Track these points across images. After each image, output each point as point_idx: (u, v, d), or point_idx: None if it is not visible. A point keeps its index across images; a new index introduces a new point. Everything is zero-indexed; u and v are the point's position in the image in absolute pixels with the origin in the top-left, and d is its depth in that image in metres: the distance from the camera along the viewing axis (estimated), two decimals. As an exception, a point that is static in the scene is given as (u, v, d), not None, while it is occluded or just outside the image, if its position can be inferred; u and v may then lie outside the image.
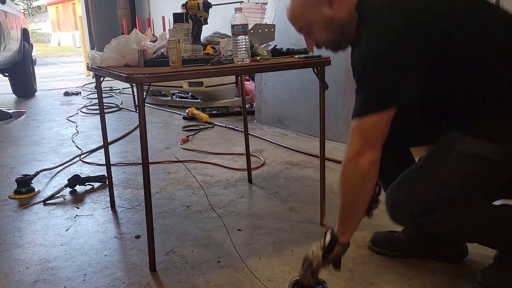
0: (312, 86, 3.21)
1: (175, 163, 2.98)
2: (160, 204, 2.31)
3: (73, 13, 22.03)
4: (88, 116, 4.76)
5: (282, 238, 1.91)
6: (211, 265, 1.71)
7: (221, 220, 2.08)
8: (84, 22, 8.67)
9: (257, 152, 3.15)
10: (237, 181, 2.61)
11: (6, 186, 2.66)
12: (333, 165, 2.80)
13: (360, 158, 1.25)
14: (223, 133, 3.77)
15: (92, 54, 1.87)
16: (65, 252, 1.85)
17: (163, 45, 1.88)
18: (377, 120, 1.24)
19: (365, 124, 1.25)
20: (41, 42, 26.01)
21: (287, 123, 3.77)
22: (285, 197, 2.37)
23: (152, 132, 3.87)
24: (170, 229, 2.03)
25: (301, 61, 1.85)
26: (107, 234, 2.01)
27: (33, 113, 5.02)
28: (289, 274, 1.61)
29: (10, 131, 4.20)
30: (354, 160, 1.26)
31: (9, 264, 1.78)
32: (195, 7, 2.01)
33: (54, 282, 1.64)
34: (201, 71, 1.65)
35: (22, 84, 6.17)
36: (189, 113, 4.31)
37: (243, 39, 1.70)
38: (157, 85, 4.95)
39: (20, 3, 28.82)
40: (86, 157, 3.21)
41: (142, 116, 1.57)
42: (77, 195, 2.50)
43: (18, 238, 2.00)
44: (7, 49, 5.27)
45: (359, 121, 1.26)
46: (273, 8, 3.78)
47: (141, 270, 1.70)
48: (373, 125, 1.24)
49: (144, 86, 1.58)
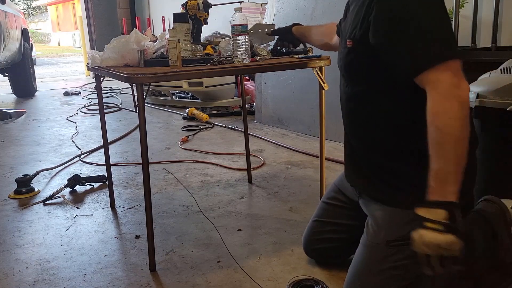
0: (312, 86, 3.21)
1: (175, 163, 2.98)
2: (160, 204, 2.31)
3: (73, 13, 22.04)
4: (88, 116, 4.76)
5: (282, 238, 1.91)
6: (211, 265, 1.71)
7: (221, 220, 2.08)
8: (84, 22, 8.67)
9: (257, 152, 3.15)
10: (237, 181, 2.61)
11: (6, 186, 2.66)
12: (333, 165, 2.80)
13: (462, 91, 1.08)
14: (223, 133, 3.77)
15: (92, 54, 1.87)
16: (65, 252, 1.85)
17: (163, 45, 1.88)
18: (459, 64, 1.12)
19: (452, 64, 1.11)
20: (41, 42, 26.01)
21: (287, 123, 3.77)
22: (285, 197, 2.37)
23: (152, 132, 3.87)
24: (170, 229, 2.03)
25: (301, 61, 1.85)
26: (107, 234, 2.01)
27: (33, 113, 5.02)
28: (289, 274, 1.61)
29: (10, 131, 4.20)
30: (454, 92, 1.08)
31: (9, 264, 1.78)
32: (195, 7, 2.01)
33: (54, 282, 1.64)
34: (201, 71, 1.65)
35: (22, 84, 6.17)
36: (189, 113, 4.31)
37: (243, 39, 1.70)
38: (157, 85, 4.95)
39: (20, 3, 28.82)
40: (86, 157, 3.21)
41: (142, 116, 1.57)
42: (77, 195, 2.50)
43: (18, 238, 2.00)
44: (7, 49, 5.28)
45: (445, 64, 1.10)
46: (273, 8, 3.78)
47: (141, 270, 1.70)
48: (458, 67, 1.11)
49: (144, 86, 1.58)
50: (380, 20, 1.17)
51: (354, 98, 1.37)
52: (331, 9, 3.24)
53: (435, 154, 1.08)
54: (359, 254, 1.35)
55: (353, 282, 1.33)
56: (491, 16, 2.63)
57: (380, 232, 1.30)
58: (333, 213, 1.59)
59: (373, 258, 1.30)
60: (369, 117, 1.33)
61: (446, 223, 1.03)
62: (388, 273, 1.27)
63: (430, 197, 1.08)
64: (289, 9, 3.63)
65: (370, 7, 1.19)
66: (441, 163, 1.07)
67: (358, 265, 1.33)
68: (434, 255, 1.05)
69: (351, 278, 1.34)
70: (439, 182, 1.07)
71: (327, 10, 3.29)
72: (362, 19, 1.23)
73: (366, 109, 1.34)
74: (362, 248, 1.34)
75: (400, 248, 1.25)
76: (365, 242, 1.34)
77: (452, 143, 1.07)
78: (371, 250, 1.31)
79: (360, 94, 1.34)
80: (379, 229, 1.31)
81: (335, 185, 1.65)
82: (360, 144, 1.40)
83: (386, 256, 1.28)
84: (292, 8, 3.59)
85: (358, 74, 1.33)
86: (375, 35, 1.19)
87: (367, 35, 1.22)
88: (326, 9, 3.30)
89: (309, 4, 3.43)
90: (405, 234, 1.21)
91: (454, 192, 1.06)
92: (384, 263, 1.28)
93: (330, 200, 1.63)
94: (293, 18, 3.57)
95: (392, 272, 1.27)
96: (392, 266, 1.27)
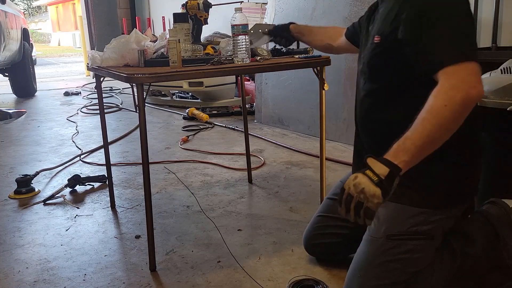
0: (312, 86, 3.21)
1: (175, 163, 2.98)
2: (160, 204, 2.32)
3: (73, 13, 22.03)
4: (88, 116, 4.76)
5: (282, 238, 1.91)
6: (211, 265, 1.71)
7: (221, 220, 2.08)
8: (84, 22, 8.67)
9: (257, 152, 3.15)
10: (237, 181, 2.61)
11: (6, 186, 2.66)
12: (333, 165, 2.80)
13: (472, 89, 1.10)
14: (223, 133, 3.77)
15: (92, 54, 1.87)
16: (65, 252, 1.85)
17: (163, 45, 1.88)
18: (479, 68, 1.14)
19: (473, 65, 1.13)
20: (41, 42, 26.00)
21: (287, 123, 3.77)
22: (285, 197, 2.37)
23: (152, 132, 3.87)
24: (170, 229, 2.03)
25: (301, 61, 1.85)
26: (107, 234, 2.01)
27: (33, 113, 5.02)
28: (289, 274, 1.61)
29: (10, 131, 4.20)
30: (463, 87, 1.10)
31: (9, 264, 1.78)
32: (195, 7, 2.01)
33: (54, 282, 1.64)
34: (201, 71, 1.65)
35: (22, 84, 6.17)
36: (189, 113, 4.31)
37: (243, 39, 1.70)
38: (157, 85, 4.95)
39: (20, 3, 28.82)
40: (86, 157, 3.21)
41: (142, 116, 1.57)
42: (77, 195, 2.50)
43: (18, 238, 2.00)
44: (7, 49, 5.28)
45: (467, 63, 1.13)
46: (273, 8, 3.78)
47: (141, 270, 1.70)
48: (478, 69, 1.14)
49: (144, 86, 1.58)
50: (410, 17, 1.22)
51: (373, 94, 1.40)
52: (331, 9, 3.24)
53: (415, 125, 1.12)
54: (360, 248, 1.37)
55: (354, 275, 1.35)
56: (491, 16, 2.63)
57: (381, 226, 1.32)
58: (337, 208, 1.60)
59: (374, 251, 1.32)
60: (384, 113, 1.36)
61: (382, 178, 1.09)
62: (388, 265, 1.29)
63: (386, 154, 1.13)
64: (289, 9, 3.63)
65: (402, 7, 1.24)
66: (414, 134, 1.11)
67: (359, 258, 1.36)
68: (354, 198, 1.11)
69: (352, 271, 1.37)
70: (401, 147, 1.12)
71: (327, 10, 3.29)
72: (394, 18, 1.26)
73: (382, 105, 1.37)
74: (364, 243, 1.37)
75: (401, 242, 1.28)
76: (367, 237, 1.36)
77: (434, 125, 1.10)
78: (372, 243, 1.33)
79: (379, 91, 1.37)
80: (380, 223, 1.33)
81: (341, 182, 1.66)
82: (370, 140, 1.44)
83: (386, 249, 1.30)
84: (292, 8, 3.59)
85: (380, 69, 1.35)
86: (404, 29, 1.23)
87: (396, 32, 1.25)
88: (326, 9, 3.30)
89: (309, 4, 3.43)
90: (406, 229, 1.28)
91: (406, 162, 1.10)
92: (384, 256, 1.30)
93: (335, 196, 1.64)
94: (293, 18, 3.57)
95: (392, 265, 1.29)
96: (392, 259, 1.29)
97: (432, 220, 1.30)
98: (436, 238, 1.31)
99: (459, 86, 1.10)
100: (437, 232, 1.31)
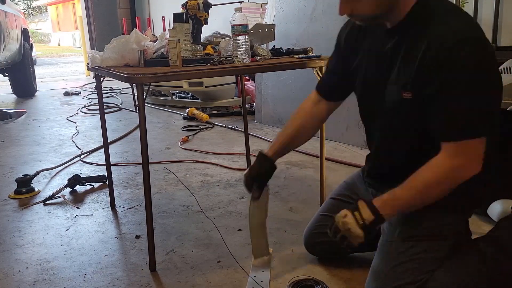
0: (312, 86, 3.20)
1: (175, 163, 2.98)
2: (160, 204, 2.31)
3: (73, 13, 22.03)
4: (88, 116, 4.76)
5: (282, 238, 1.91)
6: (211, 265, 1.71)
7: (221, 220, 2.08)
8: (84, 22, 8.66)
9: (257, 152, 3.14)
10: (237, 181, 2.61)
11: (6, 186, 2.66)
12: (333, 165, 2.80)
13: (469, 172, 1.19)
14: (223, 133, 3.77)
15: (92, 54, 1.87)
16: (65, 252, 1.85)
17: (163, 45, 1.88)
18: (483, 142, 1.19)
19: (477, 144, 1.18)
20: (41, 42, 25.99)
21: (287, 123, 3.76)
22: (285, 197, 2.37)
23: (152, 132, 3.87)
24: (170, 229, 2.03)
25: (301, 61, 1.85)
26: (107, 234, 2.01)
27: (33, 113, 5.02)
28: (289, 274, 1.61)
29: (10, 131, 4.20)
30: (463, 175, 1.19)
31: (9, 264, 1.78)
32: (195, 7, 2.01)
33: (54, 282, 1.64)
34: (201, 71, 1.65)
35: (22, 84, 6.17)
36: (189, 113, 4.31)
37: (243, 39, 1.70)
38: (157, 85, 4.95)
39: (20, 3, 28.80)
40: (86, 157, 3.21)
41: (142, 116, 1.57)
42: (77, 195, 2.50)
43: (18, 238, 2.00)
44: (7, 49, 5.28)
45: (472, 141, 1.18)
46: (273, 8, 3.78)
47: (141, 270, 1.70)
48: (481, 147, 1.19)
49: (144, 86, 1.58)
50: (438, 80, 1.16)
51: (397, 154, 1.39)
52: (331, 9, 3.24)
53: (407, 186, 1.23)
54: (377, 254, 1.39)
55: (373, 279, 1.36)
56: (491, 16, 2.63)
57: (395, 230, 1.35)
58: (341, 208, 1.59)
59: (390, 253, 1.34)
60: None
61: (366, 224, 1.23)
62: (406, 266, 1.30)
63: (375, 201, 1.25)
64: (289, 9, 3.63)
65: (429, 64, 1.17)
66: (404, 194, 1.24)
67: (377, 263, 1.37)
68: (341, 232, 1.28)
69: (371, 275, 1.38)
70: (389, 201, 1.25)
71: (327, 10, 3.29)
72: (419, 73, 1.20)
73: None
74: (380, 248, 1.39)
75: (415, 243, 1.31)
76: (382, 242, 1.39)
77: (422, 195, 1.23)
78: (387, 247, 1.36)
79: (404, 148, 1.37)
80: (393, 227, 1.35)
81: (346, 183, 1.67)
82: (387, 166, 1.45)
83: (401, 251, 1.32)
84: (292, 8, 3.59)
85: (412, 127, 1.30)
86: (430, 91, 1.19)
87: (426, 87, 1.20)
88: (326, 9, 3.30)
89: (309, 4, 3.43)
90: (419, 231, 1.31)
91: (390, 215, 1.26)
92: (400, 257, 1.31)
93: (339, 196, 1.66)
94: (293, 18, 3.58)
95: (408, 265, 1.30)
96: (408, 260, 1.30)
97: (445, 223, 1.32)
98: (449, 238, 1.33)
99: (459, 169, 1.19)
100: (450, 233, 1.33)
